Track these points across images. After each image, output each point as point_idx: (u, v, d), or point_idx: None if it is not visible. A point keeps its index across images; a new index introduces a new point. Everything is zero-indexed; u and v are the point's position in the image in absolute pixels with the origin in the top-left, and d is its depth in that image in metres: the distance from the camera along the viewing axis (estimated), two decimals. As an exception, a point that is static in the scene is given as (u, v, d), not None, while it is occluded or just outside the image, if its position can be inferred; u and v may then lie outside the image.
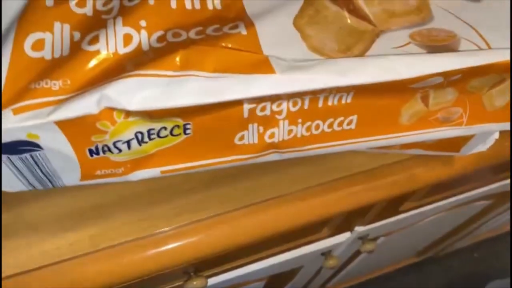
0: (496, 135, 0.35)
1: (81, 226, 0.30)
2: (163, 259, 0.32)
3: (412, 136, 0.29)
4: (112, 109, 0.22)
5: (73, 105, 0.22)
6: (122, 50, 0.24)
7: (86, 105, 0.22)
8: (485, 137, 0.34)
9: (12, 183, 0.25)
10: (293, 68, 0.24)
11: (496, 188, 0.62)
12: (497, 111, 0.30)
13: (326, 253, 0.56)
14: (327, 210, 0.35)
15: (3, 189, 0.25)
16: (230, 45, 0.24)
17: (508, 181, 0.60)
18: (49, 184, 0.26)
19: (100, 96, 0.22)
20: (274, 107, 0.25)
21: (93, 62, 0.23)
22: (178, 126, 0.24)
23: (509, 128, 0.31)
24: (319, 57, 0.25)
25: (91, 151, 0.24)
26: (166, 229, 0.31)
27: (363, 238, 0.57)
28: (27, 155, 0.23)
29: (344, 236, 0.54)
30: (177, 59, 0.23)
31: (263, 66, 0.24)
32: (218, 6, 0.27)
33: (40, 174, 0.25)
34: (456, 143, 0.35)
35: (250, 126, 0.26)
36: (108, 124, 0.23)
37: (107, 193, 0.31)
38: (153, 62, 0.23)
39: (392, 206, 0.51)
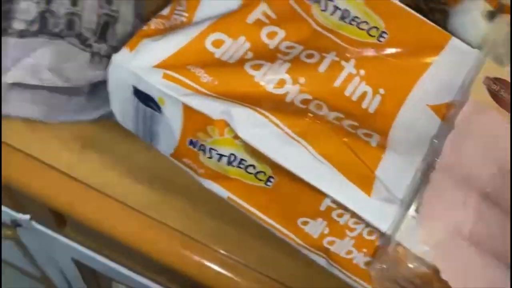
0: None
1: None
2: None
3: None
4: (227, 124, 0.24)
5: (202, 101, 0.24)
6: (271, 89, 0.26)
7: (211, 108, 0.24)
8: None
9: (127, 120, 0.29)
10: (389, 201, 0.24)
11: None
12: None
13: None
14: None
15: (118, 118, 0.29)
16: (352, 146, 0.25)
17: None
18: (149, 140, 0.29)
19: (226, 109, 0.24)
20: (350, 222, 0.25)
21: (244, 83, 0.26)
22: (264, 173, 0.26)
23: None
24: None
25: (190, 141, 0.26)
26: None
27: None
28: (149, 109, 0.26)
29: None
30: (300, 125, 0.25)
31: (365, 183, 0.24)
32: (371, 110, 0.28)
33: (149, 127, 0.28)
34: None
35: (319, 220, 0.26)
36: (216, 132, 0.25)
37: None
38: (285, 116, 0.25)
39: None
